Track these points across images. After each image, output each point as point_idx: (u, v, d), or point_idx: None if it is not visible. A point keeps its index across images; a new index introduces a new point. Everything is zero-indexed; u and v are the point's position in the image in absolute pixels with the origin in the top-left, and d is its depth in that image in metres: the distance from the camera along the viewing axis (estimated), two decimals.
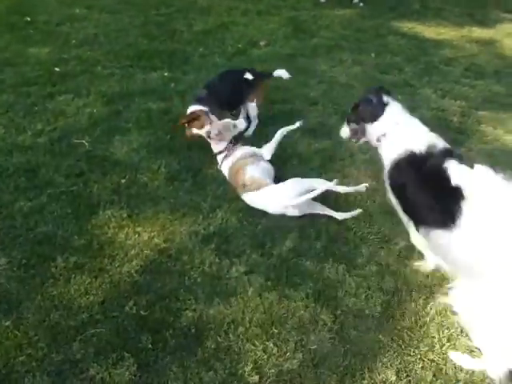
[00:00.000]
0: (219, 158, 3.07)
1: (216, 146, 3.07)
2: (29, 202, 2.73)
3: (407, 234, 2.72)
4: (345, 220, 2.77)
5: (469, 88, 4.65)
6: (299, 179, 2.85)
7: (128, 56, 4.63)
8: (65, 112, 3.64)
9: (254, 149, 3.09)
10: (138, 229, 2.62)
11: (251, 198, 2.81)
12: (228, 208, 2.81)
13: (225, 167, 3.02)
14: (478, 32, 6.38)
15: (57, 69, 4.25)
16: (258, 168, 2.93)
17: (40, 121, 3.50)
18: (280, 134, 3.09)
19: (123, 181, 2.97)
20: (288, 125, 3.15)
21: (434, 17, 6.83)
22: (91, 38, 4.95)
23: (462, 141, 3.71)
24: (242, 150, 3.04)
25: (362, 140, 2.64)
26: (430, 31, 6.21)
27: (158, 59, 4.62)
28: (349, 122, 2.61)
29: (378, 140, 2.41)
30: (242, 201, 2.85)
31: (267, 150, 3.06)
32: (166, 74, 4.36)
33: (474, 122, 4.03)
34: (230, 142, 3.05)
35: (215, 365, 1.95)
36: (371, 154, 3.39)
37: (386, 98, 2.41)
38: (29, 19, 5.31)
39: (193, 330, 2.09)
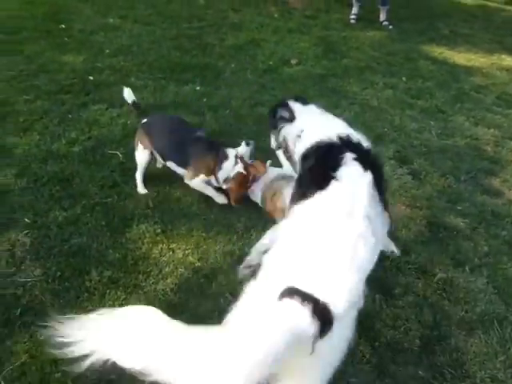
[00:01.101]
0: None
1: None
2: (64, 211, 2.71)
3: (445, 264, 2.69)
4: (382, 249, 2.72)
5: (501, 117, 4.61)
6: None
7: (161, 68, 4.65)
8: (98, 122, 3.64)
9: (282, 170, 3.03)
10: (172, 245, 2.58)
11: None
12: (262, 229, 2.75)
13: (256, 190, 2.95)
14: (508, 60, 6.34)
15: (91, 77, 4.27)
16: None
17: (74, 129, 3.50)
18: None
19: (155, 194, 2.95)
20: None
21: (464, 43, 6.81)
22: (125, 48, 4.99)
23: (497, 171, 3.66)
24: (273, 172, 2.99)
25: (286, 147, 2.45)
26: (459, 57, 6.18)
27: (190, 73, 4.64)
28: (270, 129, 2.59)
29: (298, 137, 2.23)
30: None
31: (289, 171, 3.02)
32: (198, 88, 4.37)
33: (509, 152, 3.97)
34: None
35: None
36: (406, 181, 3.37)
37: (302, 102, 2.43)
38: (64, 27, 5.37)
39: None
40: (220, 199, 2.93)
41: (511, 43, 7.06)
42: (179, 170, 2.92)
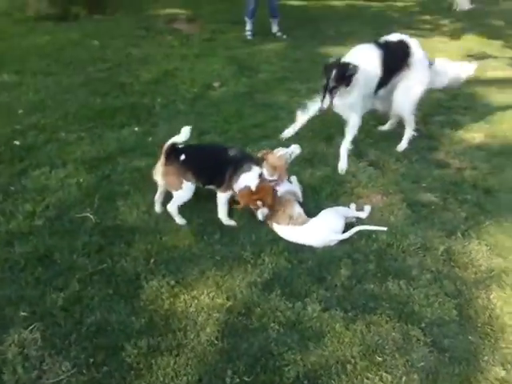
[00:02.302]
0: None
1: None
2: (60, 292, 2.43)
3: (439, 237, 2.93)
4: (382, 238, 2.87)
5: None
6: (334, 211, 2.93)
7: (88, 117, 4.37)
8: (48, 187, 3.31)
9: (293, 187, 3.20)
10: (193, 292, 2.46)
11: (291, 232, 2.82)
12: (271, 251, 2.75)
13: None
14: None
15: (16, 142, 3.87)
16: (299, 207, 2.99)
17: (25, 201, 3.13)
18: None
19: (150, 247, 2.78)
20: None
21: (351, 39, 7.31)
22: (38, 104, 4.60)
23: (436, 146, 4.07)
24: (286, 186, 3.09)
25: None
26: None
27: (121, 115, 4.43)
28: (332, 92, 3.41)
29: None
30: (281, 241, 2.82)
31: (296, 187, 3.21)
32: (136, 129, 4.20)
33: (437, 127, 4.45)
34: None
35: None
36: (371, 172, 3.60)
37: None
38: None
39: (305, 382, 2.01)
40: (228, 222, 2.98)
41: (389, 33, 7.86)
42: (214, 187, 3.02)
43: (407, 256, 2.76)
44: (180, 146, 2.89)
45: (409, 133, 3.92)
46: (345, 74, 3.35)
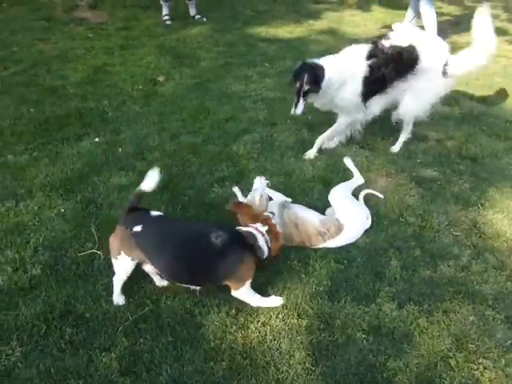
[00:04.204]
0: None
1: None
2: (109, 353, 2.01)
3: (461, 211, 3.02)
4: (412, 220, 2.89)
5: None
6: (347, 199, 2.89)
7: (29, 132, 3.67)
8: (24, 225, 2.72)
9: (277, 198, 2.90)
10: (261, 318, 2.23)
11: (336, 242, 2.67)
12: (317, 255, 2.59)
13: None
14: (317, 24, 7.12)
15: None
16: (304, 209, 2.81)
17: (5, 248, 2.55)
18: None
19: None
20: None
21: (272, 18, 7.26)
22: None
23: None
24: (274, 205, 2.73)
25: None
26: (282, 31, 6.62)
27: (70, 125, 3.80)
28: (306, 95, 3.14)
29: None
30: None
31: (280, 196, 2.95)
32: (96, 139, 3.64)
33: None
34: None
35: None
36: (367, 154, 3.57)
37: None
38: None
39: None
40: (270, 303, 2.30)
41: (305, 10, 7.91)
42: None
43: (441, 235, 2.81)
44: (150, 212, 2.15)
45: (405, 136, 3.66)
46: (316, 77, 3.06)
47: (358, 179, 3.12)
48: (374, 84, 3.22)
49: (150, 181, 2.12)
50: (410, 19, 6.35)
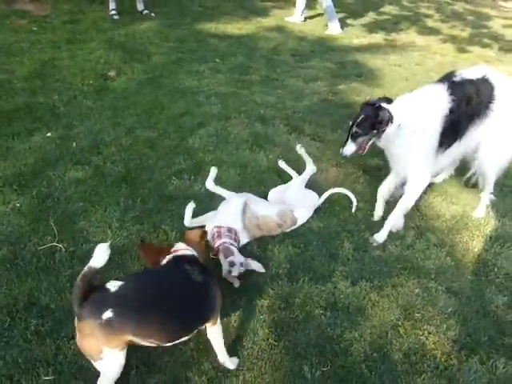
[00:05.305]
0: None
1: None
2: None
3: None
4: (361, 206, 3.10)
5: (314, 70, 5.45)
6: (298, 183, 3.10)
7: None
8: None
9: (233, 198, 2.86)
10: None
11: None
12: (275, 241, 2.73)
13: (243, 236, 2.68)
14: (265, 21, 7.29)
15: None
16: (261, 204, 2.88)
17: None
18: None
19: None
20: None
21: (220, 15, 7.39)
22: None
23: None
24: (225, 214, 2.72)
25: (367, 149, 2.73)
26: (232, 28, 6.76)
27: (20, 120, 3.70)
28: (355, 138, 2.65)
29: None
30: None
31: (236, 195, 2.90)
32: (48, 134, 3.57)
33: (346, 95, 4.82)
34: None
35: None
36: (317, 146, 3.76)
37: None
38: None
39: (375, 355, 2.13)
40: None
41: (253, 7, 8.05)
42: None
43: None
44: (106, 286, 1.71)
45: (487, 197, 3.19)
46: (374, 121, 2.57)
47: (310, 168, 3.25)
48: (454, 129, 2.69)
49: (100, 256, 1.66)
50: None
